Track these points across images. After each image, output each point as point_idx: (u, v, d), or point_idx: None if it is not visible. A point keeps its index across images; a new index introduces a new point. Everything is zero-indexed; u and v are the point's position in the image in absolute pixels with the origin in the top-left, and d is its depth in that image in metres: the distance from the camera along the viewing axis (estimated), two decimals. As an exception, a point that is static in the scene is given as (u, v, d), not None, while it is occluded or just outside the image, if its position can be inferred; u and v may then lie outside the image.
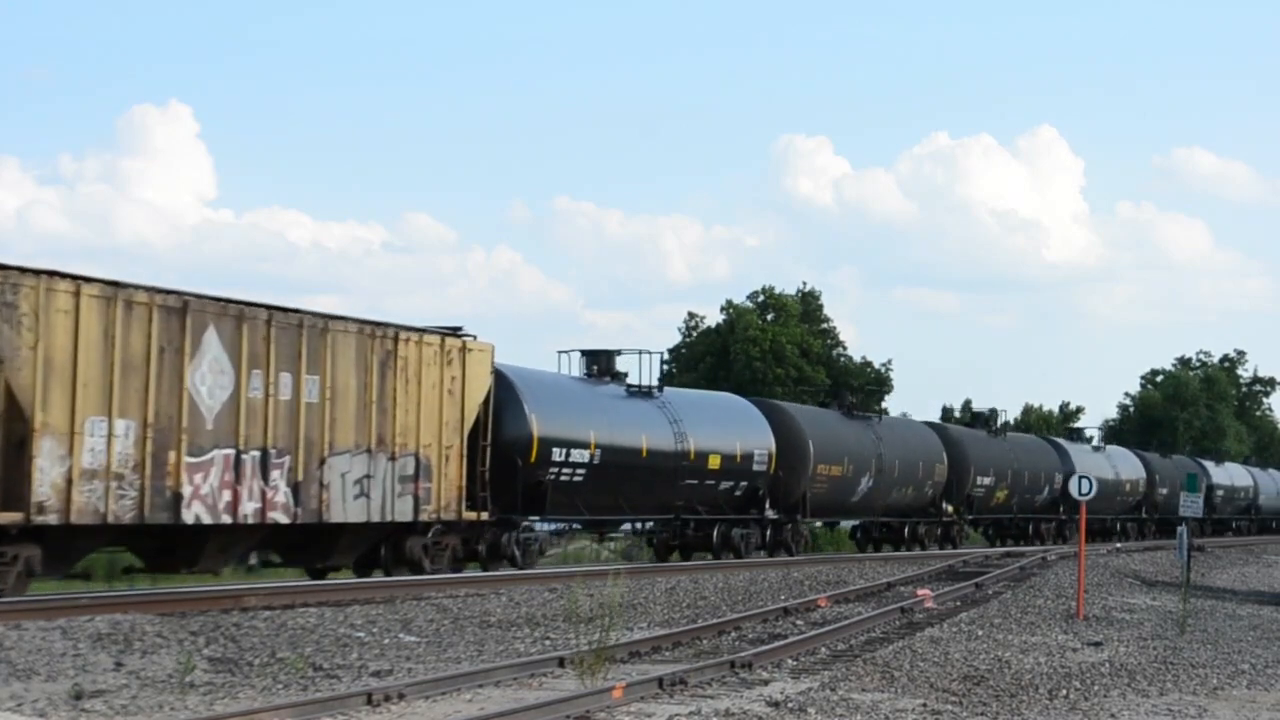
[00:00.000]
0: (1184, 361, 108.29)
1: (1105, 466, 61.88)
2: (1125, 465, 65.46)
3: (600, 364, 35.32)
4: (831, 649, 18.83)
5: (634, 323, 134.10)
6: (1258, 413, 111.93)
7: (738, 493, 38.07)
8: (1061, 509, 57.68)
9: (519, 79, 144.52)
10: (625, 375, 35.79)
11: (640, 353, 36.11)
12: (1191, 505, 29.25)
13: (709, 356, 70.65)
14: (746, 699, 14.42)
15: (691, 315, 73.93)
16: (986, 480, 52.05)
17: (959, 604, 25.84)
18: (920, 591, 26.61)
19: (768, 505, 39.06)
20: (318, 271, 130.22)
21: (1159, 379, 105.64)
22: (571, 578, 24.92)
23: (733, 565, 33.55)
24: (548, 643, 18.51)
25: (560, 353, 35.56)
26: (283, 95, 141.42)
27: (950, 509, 49.68)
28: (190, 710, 13.06)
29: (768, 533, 39.28)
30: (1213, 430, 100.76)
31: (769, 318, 72.02)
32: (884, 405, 72.74)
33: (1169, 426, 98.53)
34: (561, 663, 16.11)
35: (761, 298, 73.44)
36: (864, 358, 77.08)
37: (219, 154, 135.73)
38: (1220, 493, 74.08)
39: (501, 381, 29.92)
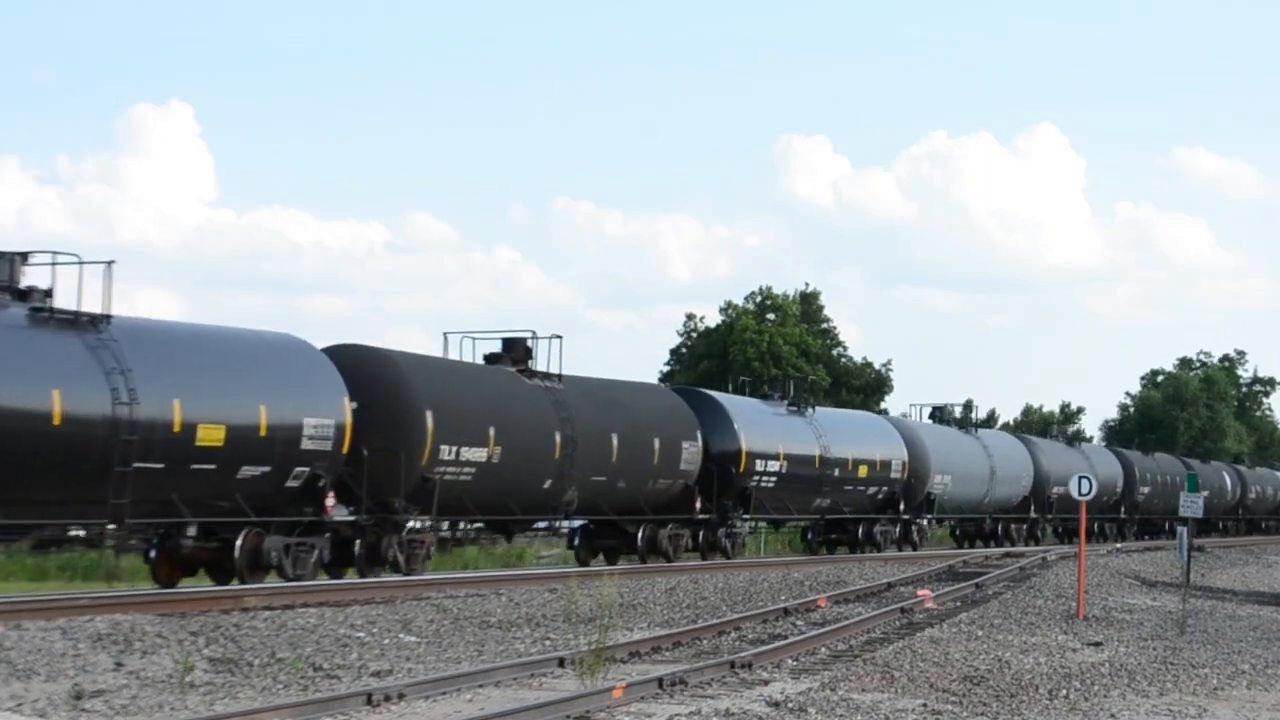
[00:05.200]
0: (1184, 362, 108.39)
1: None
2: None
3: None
4: (831, 649, 18.83)
5: (635, 323, 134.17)
6: (1258, 413, 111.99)
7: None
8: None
9: (519, 79, 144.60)
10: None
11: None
12: (1191, 505, 29.19)
13: (708, 358, 70.70)
14: (746, 699, 14.42)
15: (690, 316, 74.07)
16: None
17: (959, 604, 25.84)
18: (920, 592, 26.62)
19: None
20: (319, 271, 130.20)
21: (1159, 379, 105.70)
22: (571, 578, 24.93)
23: (733, 565, 33.57)
24: (548, 643, 18.51)
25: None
26: (283, 95, 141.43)
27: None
28: (190, 710, 13.06)
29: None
30: (1213, 430, 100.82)
31: (769, 318, 72.08)
32: (884, 405, 72.95)
33: (1169, 427, 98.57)
34: (561, 663, 16.12)
35: (759, 298, 73.49)
36: (864, 358, 77.23)
37: (219, 154, 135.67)
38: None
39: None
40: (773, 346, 69.19)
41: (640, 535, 34.18)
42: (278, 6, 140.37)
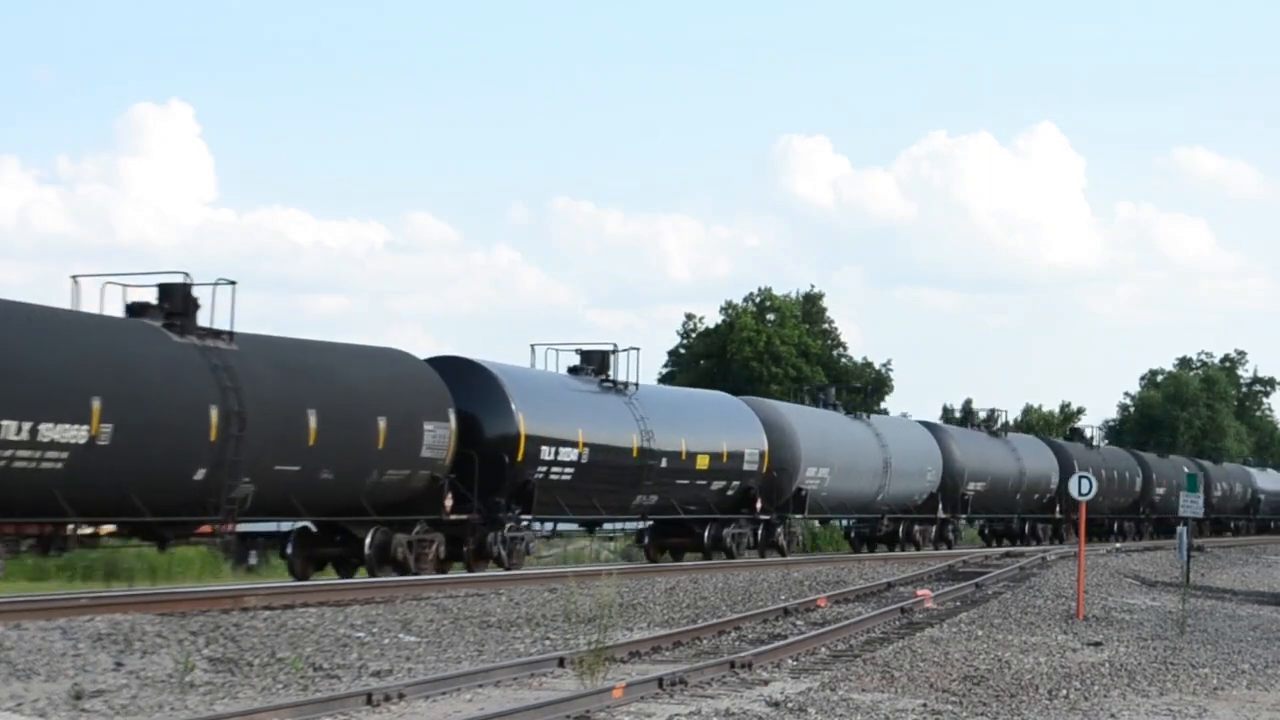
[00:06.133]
0: (1185, 362, 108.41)
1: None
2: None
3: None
4: (831, 649, 18.82)
5: (635, 322, 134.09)
6: (1258, 413, 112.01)
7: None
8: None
9: (519, 79, 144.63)
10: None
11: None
12: (1191, 505, 29.20)
13: (707, 358, 70.71)
14: (746, 699, 14.42)
15: (689, 317, 74.07)
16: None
17: (959, 604, 25.84)
18: (920, 591, 26.61)
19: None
20: (319, 271, 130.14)
21: (1159, 379, 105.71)
22: (570, 578, 24.93)
23: (733, 565, 33.54)
24: (548, 643, 18.51)
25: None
26: (283, 95, 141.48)
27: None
28: (190, 710, 13.06)
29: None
30: (1213, 430, 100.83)
31: (769, 319, 72.10)
32: (884, 405, 72.95)
33: (1169, 427, 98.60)
34: (561, 663, 16.11)
35: (759, 299, 73.50)
36: (865, 358, 77.25)
37: (219, 154, 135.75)
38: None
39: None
40: (771, 346, 69.20)
41: (369, 542, 27.02)
42: (278, 6, 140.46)
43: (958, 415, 73.75)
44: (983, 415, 57.60)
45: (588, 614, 19.13)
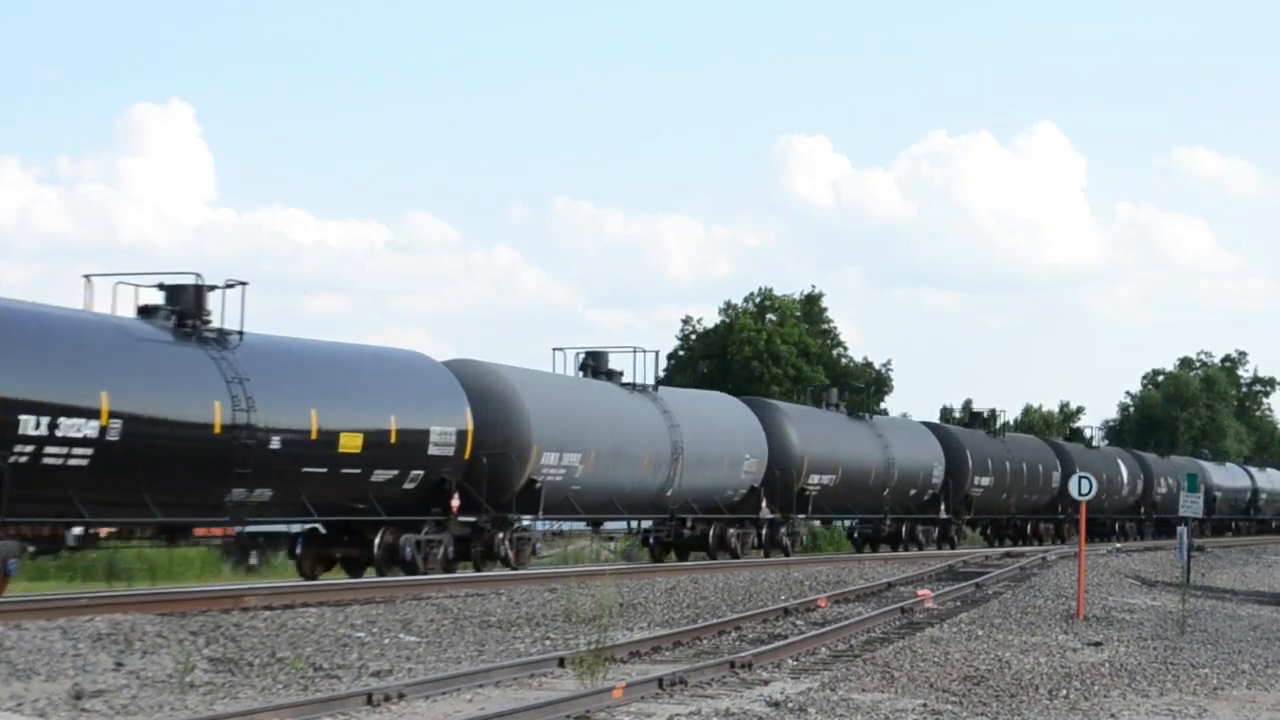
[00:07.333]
0: (1185, 362, 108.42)
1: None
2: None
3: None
4: (831, 649, 18.82)
5: (635, 323, 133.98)
6: (1258, 413, 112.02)
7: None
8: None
9: (519, 79, 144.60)
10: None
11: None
12: (1192, 505, 29.24)
13: (707, 359, 70.69)
14: (746, 699, 14.42)
15: (688, 318, 74.04)
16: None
17: (959, 604, 25.83)
18: (920, 591, 26.61)
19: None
20: (320, 271, 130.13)
21: (1160, 379, 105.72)
22: (570, 578, 24.92)
23: (734, 565, 33.54)
24: (548, 643, 18.50)
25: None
26: (283, 94, 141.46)
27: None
28: (190, 710, 13.06)
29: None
30: (1213, 430, 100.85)
31: (769, 319, 72.09)
32: (884, 406, 72.94)
33: (1169, 427, 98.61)
34: (561, 663, 16.11)
35: (759, 299, 73.50)
36: (865, 358, 77.24)
37: (219, 153, 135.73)
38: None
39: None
40: (771, 346, 69.19)
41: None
42: (278, 6, 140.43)
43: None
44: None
45: (588, 614, 19.14)
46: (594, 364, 35.76)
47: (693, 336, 73.33)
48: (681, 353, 73.15)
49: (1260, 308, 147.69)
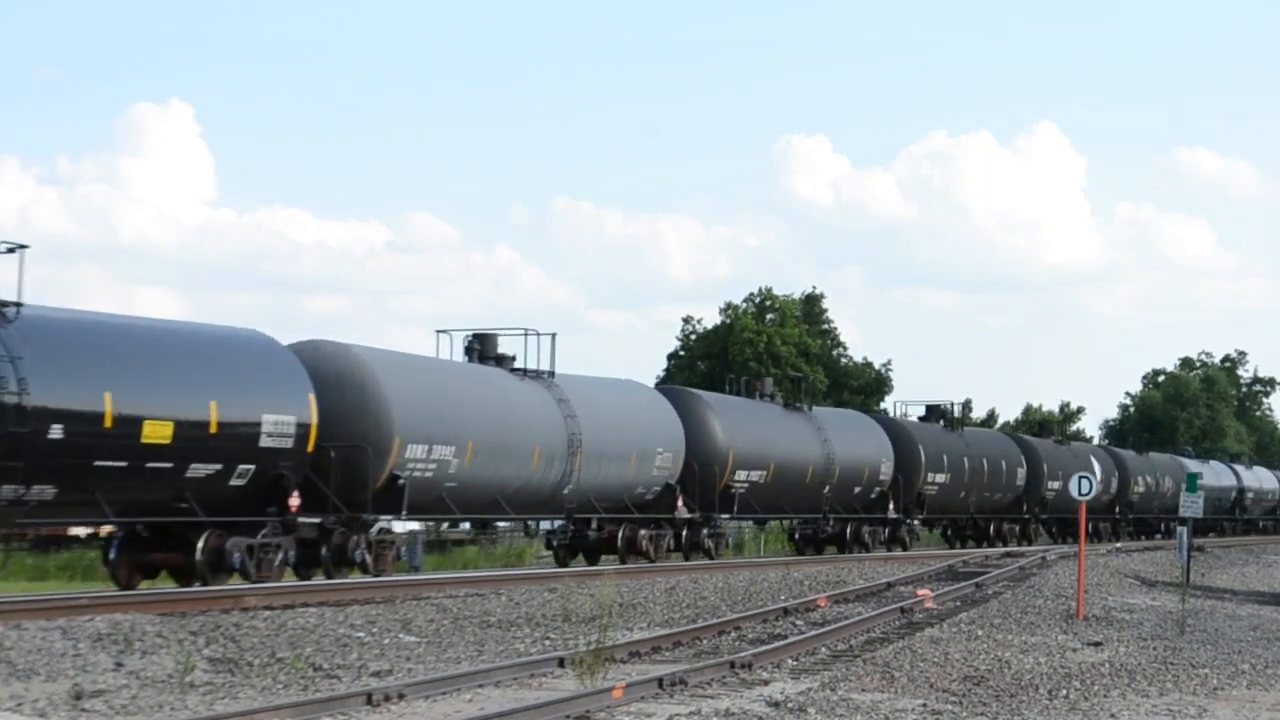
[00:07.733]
0: (1185, 362, 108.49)
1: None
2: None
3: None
4: (831, 649, 18.82)
5: (635, 323, 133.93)
6: (1258, 413, 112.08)
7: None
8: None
9: (519, 79, 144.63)
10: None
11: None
12: (1192, 505, 29.22)
13: (707, 359, 70.70)
14: (746, 699, 14.42)
15: (689, 318, 74.05)
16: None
17: (959, 604, 25.84)
18: (920, 591, 26.62)
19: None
20: (320, 271, 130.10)
21: (1160, 379, 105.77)
22: (569, 578, 24.93)
23: (734, 565, 33.54)
24: (548, 643, 18.51)
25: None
26: (283, 94, 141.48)
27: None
28: (190, 710, 13.06)
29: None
30: (1213, 430, 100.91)
31: (769, 319, 72.11)
32: (884, 406, 72.91)
33: (1169, 427, 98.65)
34: (561, 663, 16.11)
35: (759, 299, 73.52)
36: (865, 358, 77.27)
37: (219, 153, 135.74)
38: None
39: None
40: (771, 347, 69.20)
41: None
42: (278, 6, 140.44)
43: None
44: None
45: (587, 614, 19.14)
46: (480, 348, 32.33)
47: (693, 337, 73.36)
48: (682, 353, 73.18)
49: (1260, 308, 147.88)
